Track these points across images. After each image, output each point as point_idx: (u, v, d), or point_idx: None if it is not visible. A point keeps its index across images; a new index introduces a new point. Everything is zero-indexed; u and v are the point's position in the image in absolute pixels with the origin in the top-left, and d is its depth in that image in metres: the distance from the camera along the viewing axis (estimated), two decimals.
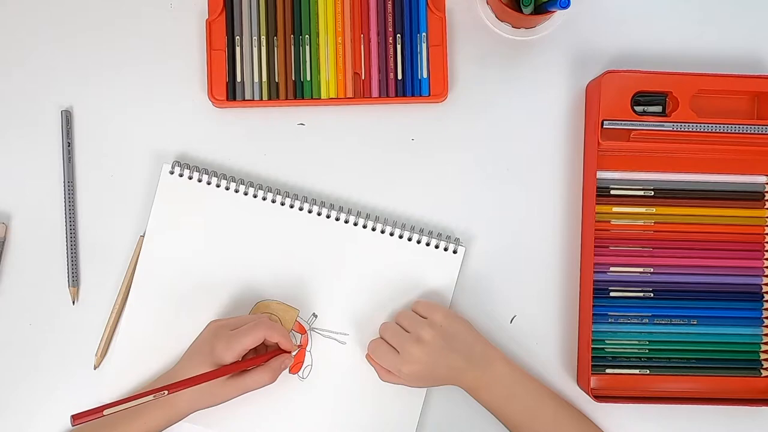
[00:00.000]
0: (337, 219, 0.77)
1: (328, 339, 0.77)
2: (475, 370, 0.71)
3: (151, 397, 0.64)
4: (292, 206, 0.77)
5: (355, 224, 0.77)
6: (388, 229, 0.76)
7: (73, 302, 0.77)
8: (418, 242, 0.77)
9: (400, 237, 0.76)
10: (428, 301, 0.75)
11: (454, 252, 0.77)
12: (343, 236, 0.77)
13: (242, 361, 0.70)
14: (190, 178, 0.76)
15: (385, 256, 0.77)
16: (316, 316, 0.77)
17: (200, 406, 0.70)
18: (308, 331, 0.77)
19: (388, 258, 0.77)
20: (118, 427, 0.69)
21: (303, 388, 0.76)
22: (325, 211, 0.77)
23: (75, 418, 0.60)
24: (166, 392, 0.65)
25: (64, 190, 0.77)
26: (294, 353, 0.74)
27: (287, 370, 0.76)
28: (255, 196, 0.76)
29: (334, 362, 0.76)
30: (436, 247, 0.76)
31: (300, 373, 0.76)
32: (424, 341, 0.70)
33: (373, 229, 0.77)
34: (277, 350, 0.73)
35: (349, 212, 0.77)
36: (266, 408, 0.76)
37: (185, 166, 0.77)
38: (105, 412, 0.61)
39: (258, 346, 0.71)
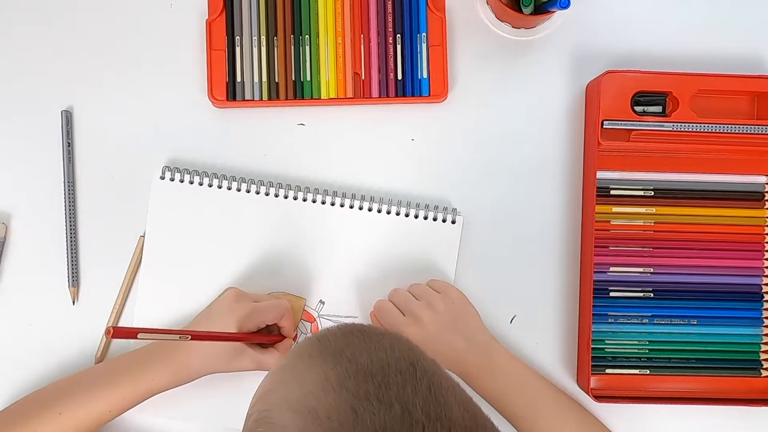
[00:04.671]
0: (333, 204, 0.77)
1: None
2: (476, 357, 0.72)
3: (176, 336, 0.64)
4: (286, 197, 0.77)
5: (351, 207, 0.77)
6: (385, 208, 0.77)
7: (73, 302, 0.77)
8: (416, 217, 0.77)
9: (398, 214, 0.77)
10: (444, 281, 0.75)
11: (453, 222, 0.77)
12: (341, 221, 0.77)
13: (256, 333, 0.71)
14: (182, 180, 0.76)
15: (385, 236, 0.77)
16: (323, 303, 0.77)
17: (212, 369, 0.71)
18: (317, 319, 0.77)
19: (389, 237, 0.77)
20: (123, 376, 0.70)
21: None
22: (320, 198, 0.77)
23: (114, 330, 0.59)
24: (189, 337, 0.65)
25: (64, 190, 0.77)
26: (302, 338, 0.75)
27: None
28: (248, 191, 0.77)
29: None
30: (434, 219, 0.77)
31: None
32: (435, 309, 0.71)
33: (370, 210, 0.77)
34: (278, 335, 0.73)
35: (344, 196, 0.77)
36: None
37: (175, 170, 0.77)
38: (139, 336, 0.61)
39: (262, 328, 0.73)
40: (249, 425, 0.44)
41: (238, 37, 0.77)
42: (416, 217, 0.77)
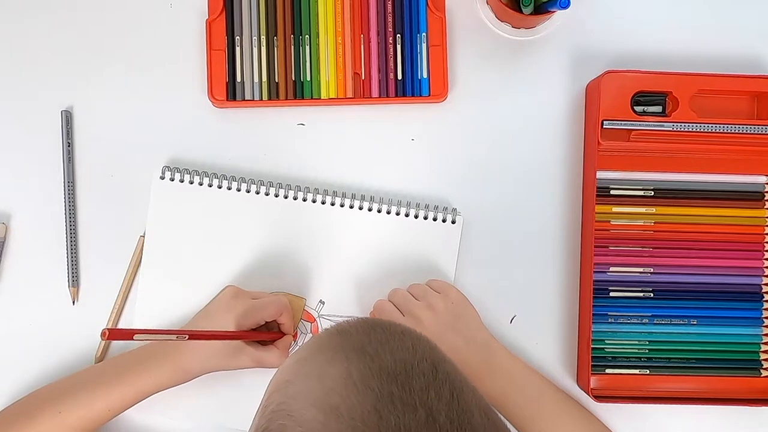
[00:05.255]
0: (333, 204, 0.77)
1: None
2: (476, 357, 0.72)
3: (173, 336, 0.65)
4: (286, 197, 0.77)
5: (351, 207, 0.77)
6: (385, 208, 0.77)
7: (73, 302, 0.77)
8: (416, 217, 0.77)
9: (397, 214, 0.77)
10: (444, 280, 0.76)
11: (453, 222, 0.77)
12: (341, 221, 0.77)
13: (254, 331, 0.71)
14: (182, 180, 0.76)
15: (385, 236, 0.77)
16: (323, 303, 0.77)
17: (211, 368, 0.71)
18: (317, 319, 0.77)
19: (389, 237, 0.77)
20: (123, 376, 0.70)
21: None
22: (319, 198, 0.77)
23: (110, 332, 0.59)
24: (186, 337, 0.65)
25: (64, 190, 0.77)
26: (308, 337, 0.76)
27: None
28: (248, 191, 0.77)
29: None
30: (434, 219, 0.77)
31: None
32: (435, 310, 0.71)
33: (370, 210, 0.77)
34: (278, 332, 0.73)
35: (344, 196, 0.77)
36: None
37: (175, 170, 0.77)
38: (135, 337, 0.61)
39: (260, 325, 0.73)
40: (266, 415, 0.43)
41: (238, 37, 0.77)
42: (416, 217, 0.77)
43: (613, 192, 0.78)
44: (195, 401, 0.75)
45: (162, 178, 0.77)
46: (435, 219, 0.77)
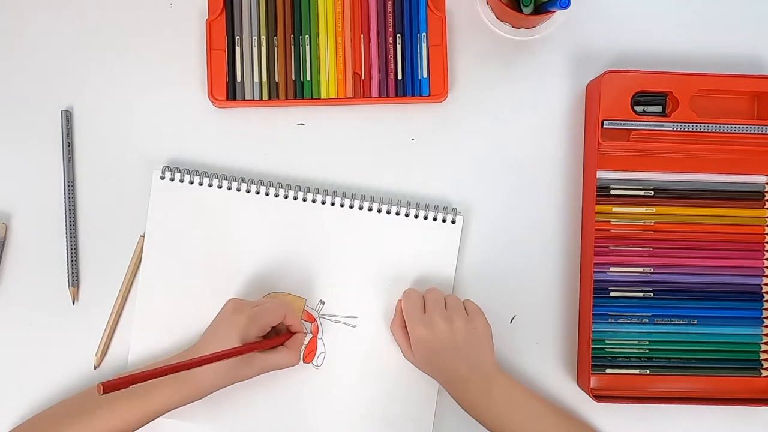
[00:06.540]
0: (333, 204, 0.77)
1: (338, 324, 0.77)
2: (475, 387, 0.70)
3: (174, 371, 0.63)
4: (286, 197, 0.77)
5: (351, 207, 0.77)
6: (385, 208, 0.77)
7: (73, 302, 0.77)
8: (416, 216, 0.77)
9: (398, 214, 0.77)
10: (478, 307, 0.73)
11: (453, 222, 0.77)
12: (340, 220, 0.77)
13: (264, 340, 0.71)
14: (182, 180, 0.76)
15: (385, 235, 0.77)
16: (323, 303, 0.77)
17: (224, 383, 0.70)
18: (317, 319, 0.77)
19: (389, 236, 0.77)
20: (135, 395, 0.68)
21: (319, 376, 0.76)
22: (319, 198, 0.77)
23: (104, 386, 0.57)
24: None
25: (64, 190, 0.77)
26: (308, 337, 0.76)
27: (302, 360, 0.76)
28: (248, 191, 0.77)
29: (346, 346, 0.77)
30: (434, 219, 0.77)
31: (314, 361, 0.77)
32: (452, 324, 0.70)
33: (370, 210, 0.77)
34: (288, 333, 0.73)
35: (344, 196, 0.77)
36: (285, 399, 0.76)
37: (176, 170, 0.77)
38: (131, 386, 0.60)
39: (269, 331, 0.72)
40: None
41: (238, 37, 0.77)
42: (416, 217, 0.77)
43: (613, 192, 0.78)
44: (195, 402, 0.75)
45: (162, 178, 0.77)
46: (435, 219, 0.77)
